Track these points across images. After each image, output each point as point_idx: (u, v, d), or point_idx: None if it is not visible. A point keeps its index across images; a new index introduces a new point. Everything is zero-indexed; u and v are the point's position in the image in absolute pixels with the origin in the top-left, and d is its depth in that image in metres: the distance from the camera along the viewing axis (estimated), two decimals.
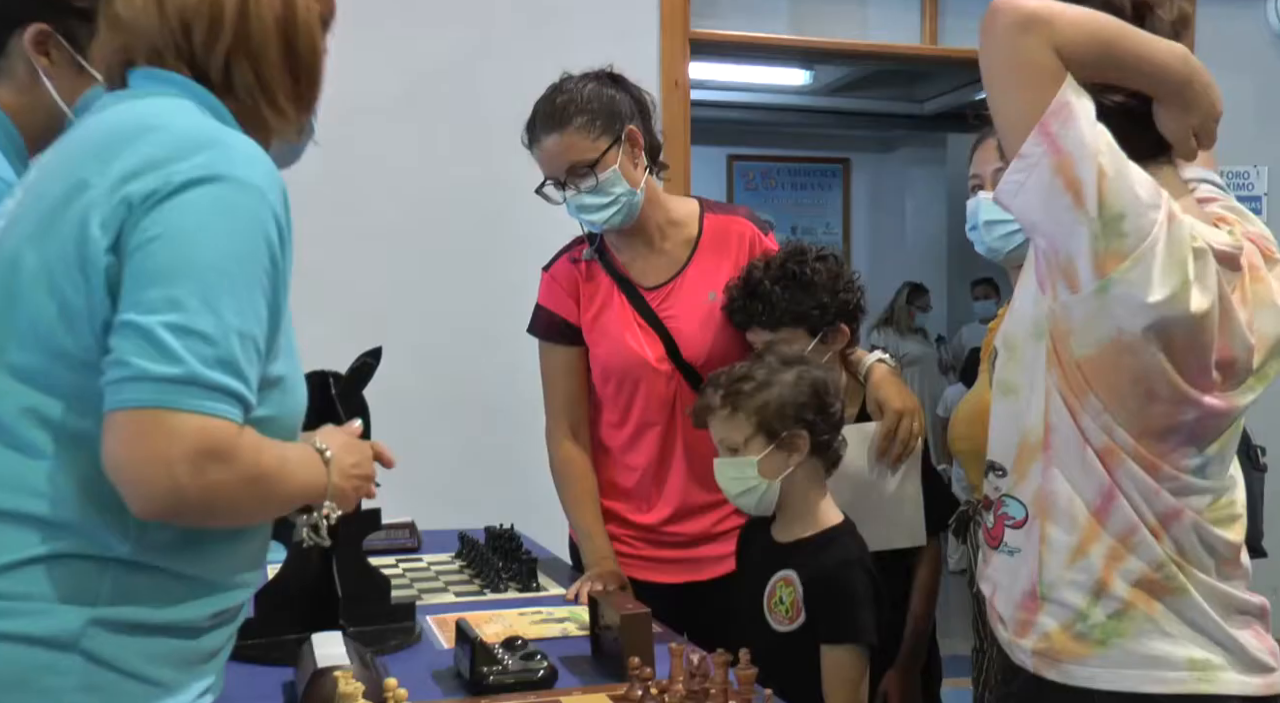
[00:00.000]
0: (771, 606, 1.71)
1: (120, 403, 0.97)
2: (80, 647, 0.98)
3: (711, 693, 1.28)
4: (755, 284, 1.91)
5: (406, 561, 2.24)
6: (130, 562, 1.01)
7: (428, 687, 1.46)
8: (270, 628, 1.60)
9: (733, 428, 1.71)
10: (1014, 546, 1.31)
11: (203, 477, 0.98)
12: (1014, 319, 1.34)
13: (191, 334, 0.98)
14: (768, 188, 7.86)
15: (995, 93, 1.23)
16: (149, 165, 1.02)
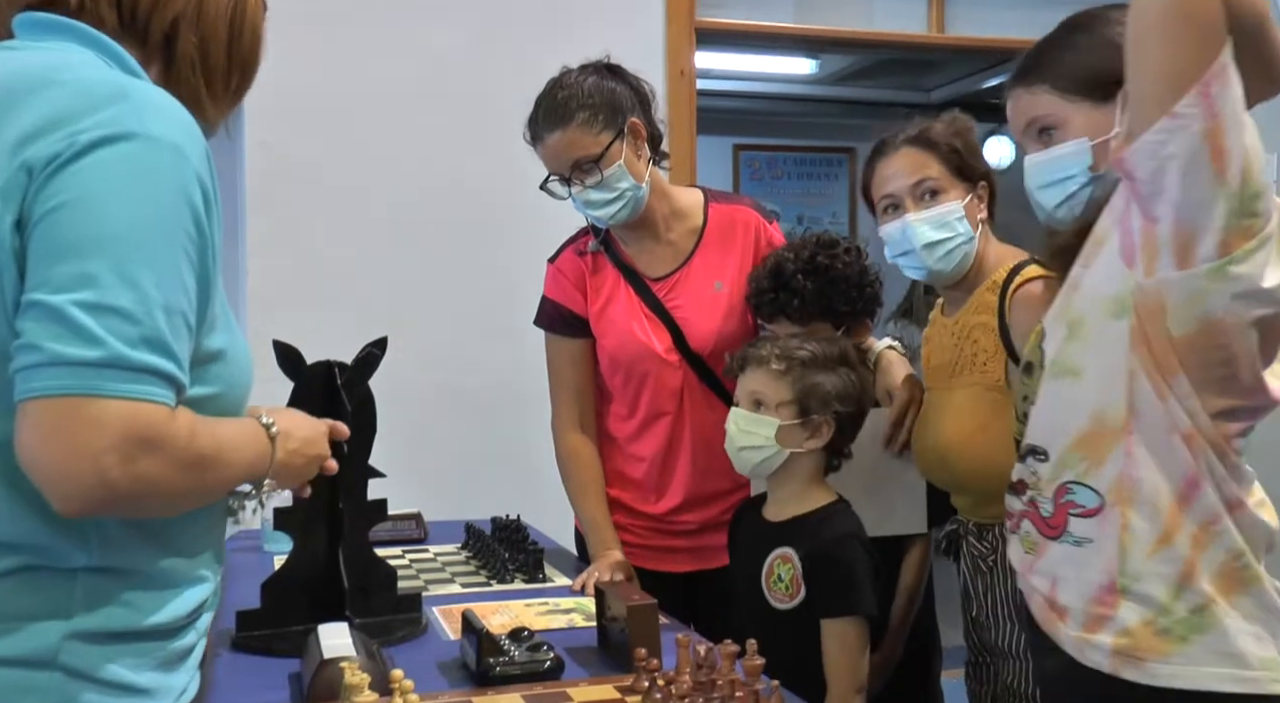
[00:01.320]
0: (770, 584, 1.72)
1: (33, 391, 0.88)
2: (59, 663, 0.94)
3: (718, 684, 1.27)
4: (787, 278, 1.88)
5: (413, 551, 2.24)
6: (97, 568, 0.97)
7: (434, 678, 1.46)
8: (276, 619, 1.60)
9: (773, 387, 1.72)
10: (1083, 535, 1.23)
11: (133, 467, 0.90)
12: (1084, 297, 1.25)
13: (110, 312, 0.89)
14: (773, 177, 7.84)
15: (1150, 44, 1.13)
16: (50, 125, 0.92)
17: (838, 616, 1.65)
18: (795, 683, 1.37)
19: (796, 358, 1.72)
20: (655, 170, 2.00)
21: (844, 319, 1.91)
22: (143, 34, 1.06)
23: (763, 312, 1.94)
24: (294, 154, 3.12)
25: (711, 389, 1.98)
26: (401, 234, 3.24)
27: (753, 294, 1.95)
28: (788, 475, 1.75)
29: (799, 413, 1.71)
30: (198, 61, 1.08)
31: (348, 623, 1.49)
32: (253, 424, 1.11)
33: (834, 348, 1.75)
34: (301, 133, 3.12)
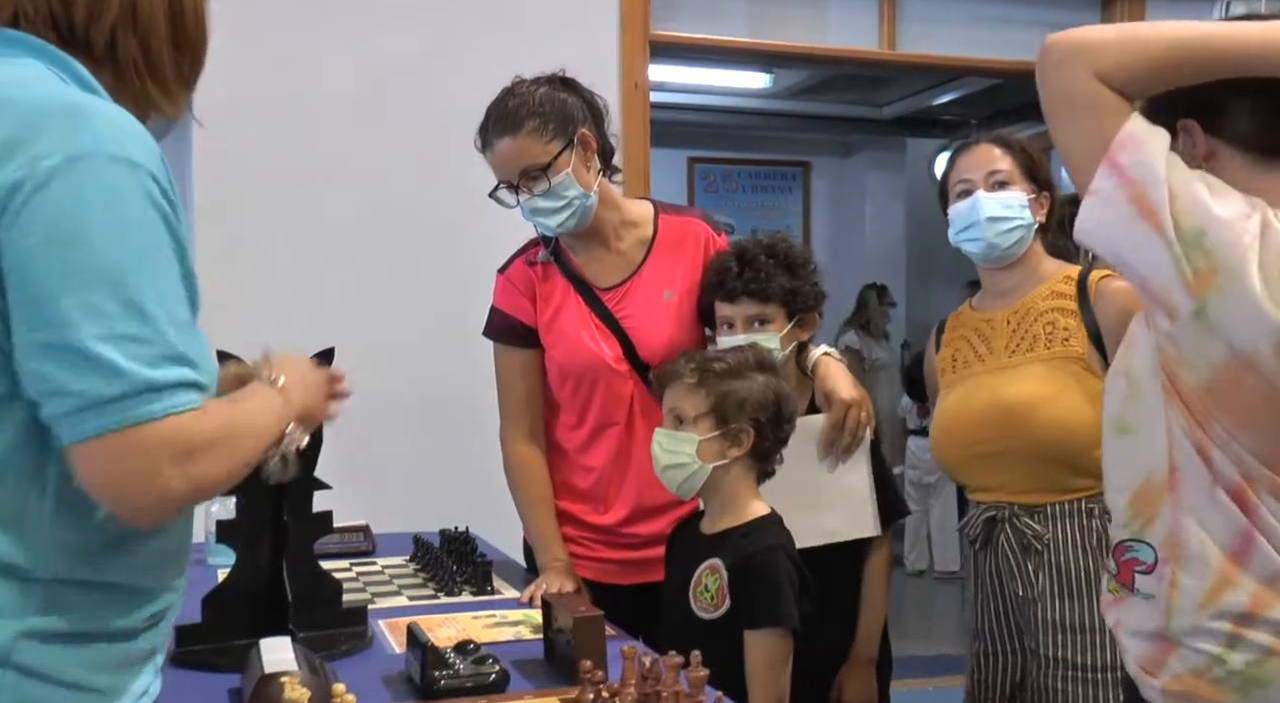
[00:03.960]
0: (697, 594, 1.73)
1: (84, 434, 0.93)
2: (11, 662, 0.94)
3: (663, 696, 1.27)
4: (751, 257, 1.94)
5: (360, 564, 2.22)
6: (56, 580, 0.97)
7: (378, 692, 1.44)
8: (218, 633, 1.58)
9: (689, 401, 1.74)
10: (1147, 591, 1.26)
11: (190, 474, 0.97)
12: (1137, 354, 1.28)
13: (125, 340, 0.93)
14: (728, 190, 7.88)
15: (1054, 129, 1.22)
16: (5, 146, 0.93)
17: (761, 627, 1.66)
18: None
19: (710, 369, 1.74)
20: (605, 181, 2.01)
21: (799, 305, 1.96)
22: (85, 46, 1.05)
23: (728, 288, 1.95)
24: (244, 162, 3.09)
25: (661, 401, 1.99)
26: (351, 244, 3.22)
27: (714, 273, 1.97)
28: (718, 488, 1.76)
29: (717, 423, 1.72)
30: (142, 62, 1.08)
31: (290, 637, 1.48)
32: (262, 388, 1.18)
33: (748, 356, 1.78)
34: (252, 141, 3.08)
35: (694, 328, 2.04)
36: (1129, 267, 1.20)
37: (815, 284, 1.98)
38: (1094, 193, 1.18)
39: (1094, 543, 1.81)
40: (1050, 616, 1.83)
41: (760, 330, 1.92)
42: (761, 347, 1.86)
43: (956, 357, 1.98)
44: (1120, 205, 1.16)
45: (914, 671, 2.02)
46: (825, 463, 1.93)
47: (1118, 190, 1.16)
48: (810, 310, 1.98)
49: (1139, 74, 1.18)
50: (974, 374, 1.93)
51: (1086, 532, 1.82)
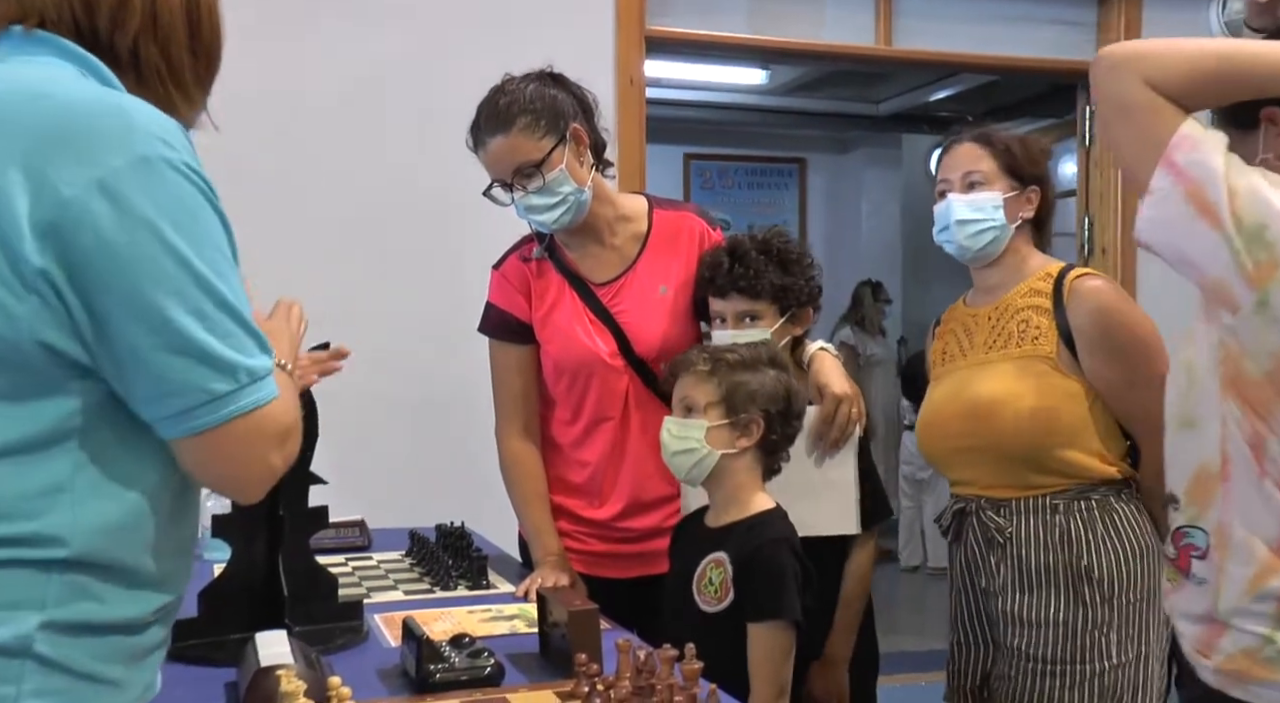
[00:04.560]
0: (701, 587, 1.74)
1: (201, 427, 0.99)
2: (33, 652, 0.96)
3: (657, 689, 1.28)
4: (743, 253, 1.95)
5: (356, 559, 2.23)
6: (74, 562, 0.99)
7: (374, 685, 1.45)
8: (214, 628, 1.59)
9: (701, 389, 1.75)
10: (1201, 575, 1.32)
11: (288, 452, 1.07)
12: (1196, 350, 1.33)
13: (224, 335, 0.99)
14: (724, 187, 7.89)
15: (1108, 134, 1.28)
16: (62, 153, 0.95)
17: (764, 620, 1.66)
18: (720, 687, 1.37)
19: (723, 360, 1.76)
20: (599, 176, 2.01)
21: (791, 301, 1.96)
22: (109, 53, 1.07)
23: (718, 284, 1.96)
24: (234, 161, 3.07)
25: (656, 394, 1.99)
26: (345, 241, 3.22)
27: (706, 269, 1.99)
28: (724, 479, 1.76)
29: (727, 412, 1.74)
30: (164, 68, 1.10)
31: (286, 631, 1.48)
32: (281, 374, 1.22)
33: (760, 350, 1.80)
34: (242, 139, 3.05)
35: (689, 323, 2.05)
36: (1188, 262, 1.25)
37: (809, 280, 1.98)
38: (1152, 192, 1.23)
39: (1055, 539, 1.82)
40: (1010, 608, 1.85)
41: (751, 326, 1.93)
42: (774, 344, 1.87)
43: (946, 351, 2.00)
44: (1178, 203, 1.21)
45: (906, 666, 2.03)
46: (813, 456, 1.93)
47: (1174, 188, 1.21)
48: (804, 306, 1.99)
49: (1188, 85, 1.23)
50: (956, 369, 1.95)
51: (1048, 527, 1.83)
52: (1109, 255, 4.03)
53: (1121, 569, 1.80)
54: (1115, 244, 4.03)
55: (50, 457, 0.99)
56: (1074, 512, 1.82)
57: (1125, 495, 1.85)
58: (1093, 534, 1.81)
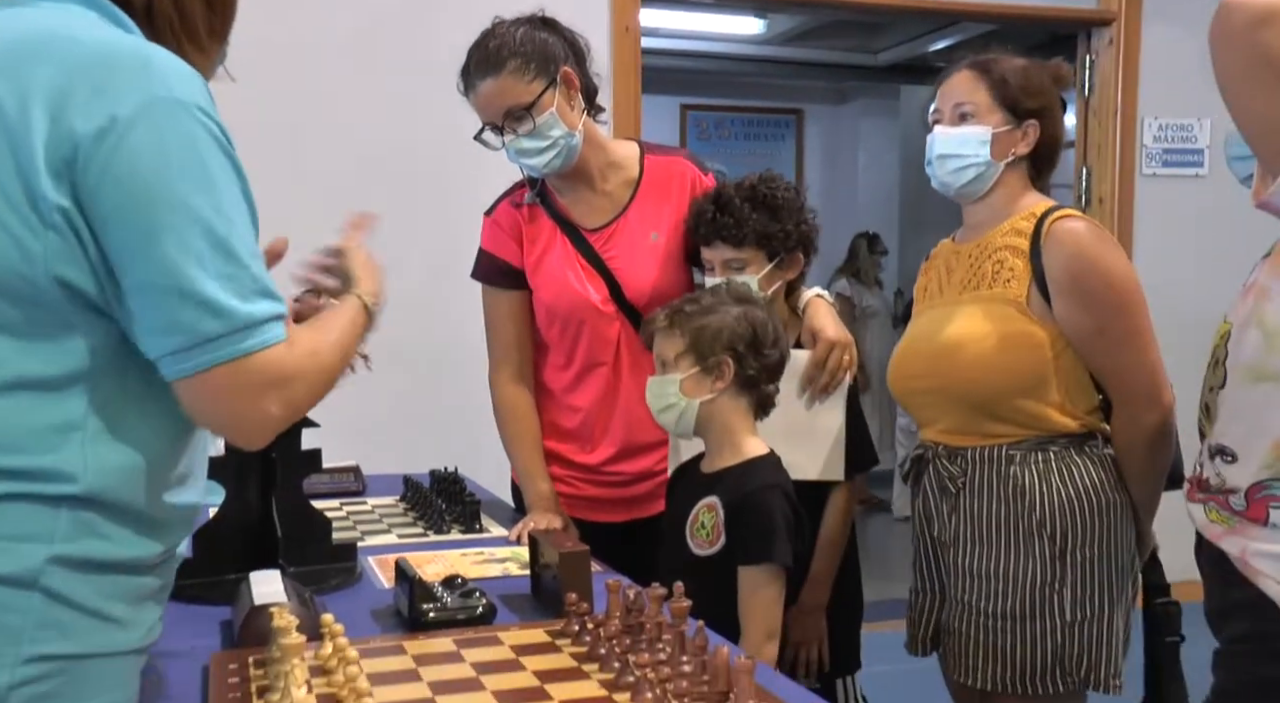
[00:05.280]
0: (693, 531, 1.75)
1: (192, 369, 1.01)
2: (40, 585, 0.99)
3: (646, 628, 1.30)
4: (726, 201, 1.94)
5: (350, 503, 2.25)
6: (83, 498, 1.01)
7: (367, 624, 1.47)
8: (209, 568, 1.61)
9: (668, 344, 1.76)
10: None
11: (287, 401, 1.06)
12: (1275, 306, 1.28)
13: (222, 278, 1.00)
14: (721, 138, 7.85)
15: (1241, 96, 1.18)
16: (81, 91, 0.98)
17: (754, 563, 1.68)
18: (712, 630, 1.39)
19: (681, 310, 1.76)
20: (590, 121, 2.00)
21: (778, 248, 1.96)
22: (125, 5, 1.08)
23: (701, 234, 1.97)
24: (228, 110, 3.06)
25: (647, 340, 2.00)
26: (341, 189, 3.21)
27: (692, 217, 1.99)
28: (711, 424, 1.77)
29: (696, 360, 1.74)
30: (178, 22, 1.11)
31: (280, 571, 1.50)
32: (354, 309, 1.31)
33: (722, 290, 1.79)
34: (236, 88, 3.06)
35: (681, 269, 2.05)
36: None
37: (798, 225, 1.97)
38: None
39: (1008, 490, 1.77)
40: (962, 560, 1.81)
41: (738, 273, 1.93)
42: (739, 281, 1.87)
43: (927, 288, 1.96)
44: None
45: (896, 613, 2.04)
46: (802, 401, 1.94)
47: None
48: (792, 252, 1.98)
49: None
50: (932, 307, 1.91)
51: (1002, 478, 1.78)
52: (1106, 205, 4.02)
53: (1076, 524, 1.74)
54: (1112, 194, 4.02)
55: (65, 395, 1.01)
56: (1029, 463, 1.76)
57: (1088, 448, 1.78)
58: (1047, 487, 1.75)
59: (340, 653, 1.18)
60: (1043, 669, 1.73)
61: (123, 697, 1.08)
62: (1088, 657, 1.73)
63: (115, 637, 1.05)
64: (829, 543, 1.96)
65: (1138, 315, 1.75)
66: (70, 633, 1.01)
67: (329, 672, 1.20)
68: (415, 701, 1.15)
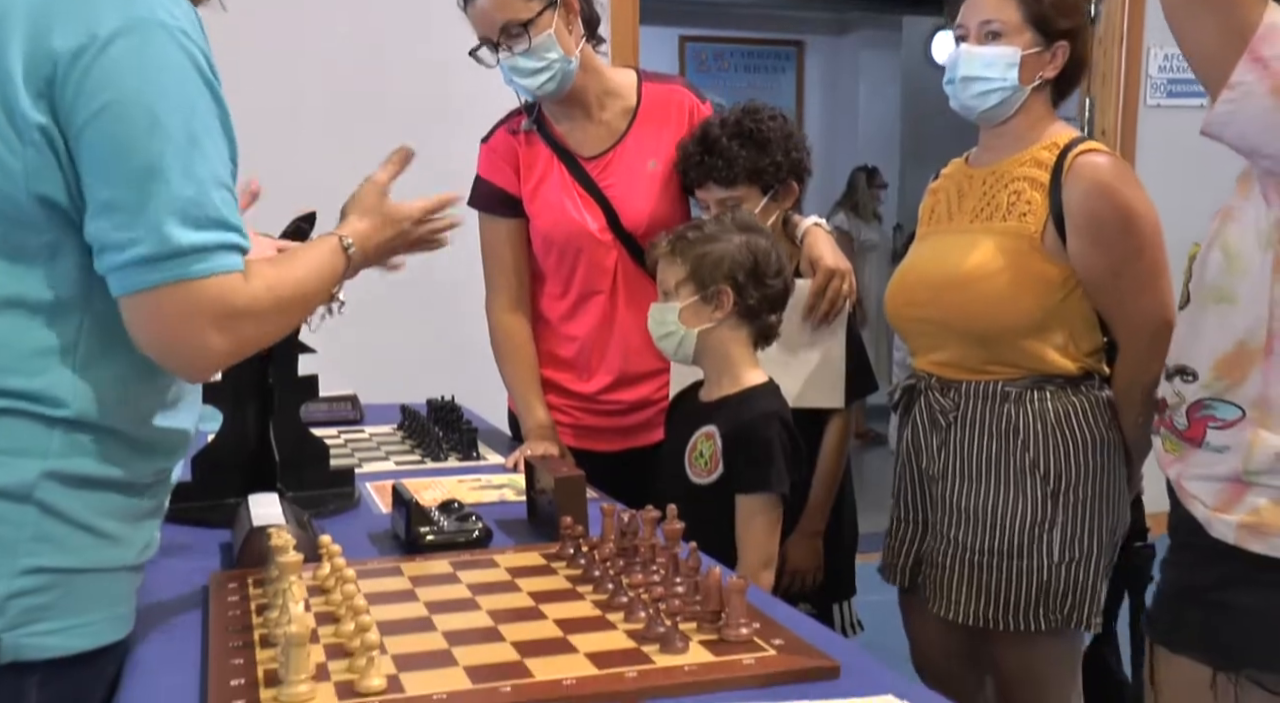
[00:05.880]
0: (692, 459, 1.76)
1: (134, 287, 1.00)
2: (34, 498, 1.01)
3: (640, 550, 1.31)
4: (713, 141, 1.92)
5: (348, 432, 2.26)
6: (74, 421, 1.03)
7: (364, 547, 1.48)
8: (208, 492, 1.62)
9: (669, 272, 1.75)
10: (1220, 444, 1.31)
11: (233, 335, 1.04)
12: (1240, 228, 1.29)
13: (179, 202, 0.99)
14: (720, 70, 7.75)
15: (1182, 22, 1.20)
16: (62, 11, 0.98)
17: (752, 491, 1.69)
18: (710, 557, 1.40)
19: (683, 237, 1.74)
20: (588, 48, 1.98)
21: (770, 181, 1.94)
22: None
23: (691, 177, 1.96)
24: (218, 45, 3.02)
25: (644, 269, 1.99)
26: (337, 115, 3.18)
27: (681, 161, 1.98)
28: (710, 353, 1.76)
29: (697, 288, 1.72)
30: None
31: (278, 495, 1.51)
32: (328, 247, 1.26)
33: (726, 219, 1.77)
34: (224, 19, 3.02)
35: (678, 197, 2.04)
36: (1263, 152, 1.23)
37: (789, 154, 1.94)
38: (1233, 87, 1.19)
39: (1001, 428, 1.73)
40: (949, 495, 1.78)
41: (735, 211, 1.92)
42: (743, 209, 1.86)
43: (935, 210, 1.89)
44: (1261, 97, 1.18)
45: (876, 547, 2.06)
46: (802, 329, 1.94)
47: (1260, 83, 1.18)
48: (785, 182, 1.96)
49: None
50: (939, 232, 1.85)
51: (996, 415, 1.74)
52: (1108, 137, 3.98)
53: (1070, 465, 1.71)
54: (1115, 126, 3.99)
55: (56, 319, 1.02)
56: (1025, 402, 1.72)
57: (1085, 388, 1.74)
58: (1042, 426, 1.71)
59: (338, 573, 1.20)
60: (1026, 607, 1.71)
61: (119, 612, 1.10)
62: (1072, 595, 1.71)
63: (110, 553, 1.07)
64: (826, 471, 1.97)
65: (1157, 260, 1.69)
66: (65, 547, 1.03)
67: (327, 591, 1.22)
68: (412, 619, 1.17)
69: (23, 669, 1.01)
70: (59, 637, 1.02)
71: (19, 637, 1.00)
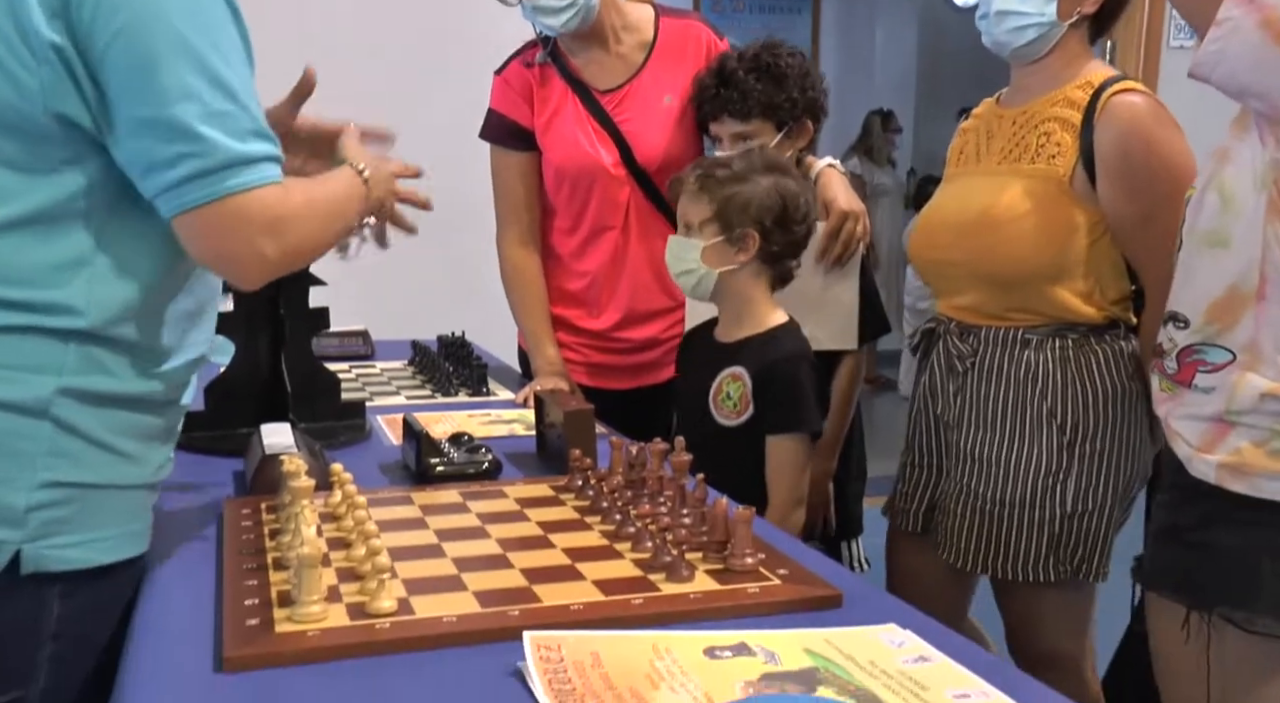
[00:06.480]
0: (719, 401, 1.74)
1: (185, 205, 1.02)
2: (50, 414, 1.02)
3: (648, 482, 1.32)
4: (729, 73, 1.91)
5: (359, 366, 2.27)
6: (89, 333, 1.04)
7: (375, 478, 1.50)
8: (221, 422, 1.63)
9: (695, 208, 1.72)
10: (1208, 385, 1.30)
11: (283, 242, 1.07)
12: (1236, 170, 1.27)
13: (217, 116, 1.01)
14: (735, 11, 7.64)
15: None
16: None
17: (783, 432, 1.68)
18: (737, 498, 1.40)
19: (713, 175, 1.71)
20: None
21: (785, 118, 1.93)
22: None
23: (706, 110, 1.95)
24: None
25: (656, 206, 1.99)
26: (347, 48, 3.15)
27: (697, 93, 1.96)
28: (731, 295, 1.74)
29: (722, 228, 1.69)
30: None
31: (290, 425, 1.52)
32: (348, 175, 1.29)
33: (754, 158, 1.73)
34: None
35: (693, 134, 2.03)
36: (1255, 94, 1.21)
37: (805, 92, 1.92)
38: (1220, 23, 1.17)
39: (1020, 375, 1.69)
40: (964, 442, 1.75)
41: (747, 146, 1.90)
42: (769, 148, 1.83)
43: (963, 151, 1.84)
44: (1250, 31, 1.16)
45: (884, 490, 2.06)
46: (816, 271, 1.93)
47: (1247, 17, 1.16)
48: (800, 120, 1.94)
49: None
50: (966, 174, 1.80)
51: (1015, 362, 1.70)
52: None
53: (1089, 415, 1.67)
54: (1136, 68, 3.93)
55: (71, 230, 1.03)
56: (1046, 349, 1.68)
57: (1109, 337, 1.69)
58: (1061, 374, 1.67)
59: (349, 500, 1.21)
60: (1035, 558, 1.69)
61: (136, 528, 1.12)
62: (1083, 547, 1.69)
63: (125, 470, 1.09)
64: (837, 412, 1.97)
65: None
66: (81, 463, 1.05)
67: (338, 518, 1.23)
68: (422, 546, 1.18)
69: (45, 581, 1.04)
70: (78, 550, 1.05)
71: (40, 549, 1.03)
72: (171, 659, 0.94)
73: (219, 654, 0.93)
